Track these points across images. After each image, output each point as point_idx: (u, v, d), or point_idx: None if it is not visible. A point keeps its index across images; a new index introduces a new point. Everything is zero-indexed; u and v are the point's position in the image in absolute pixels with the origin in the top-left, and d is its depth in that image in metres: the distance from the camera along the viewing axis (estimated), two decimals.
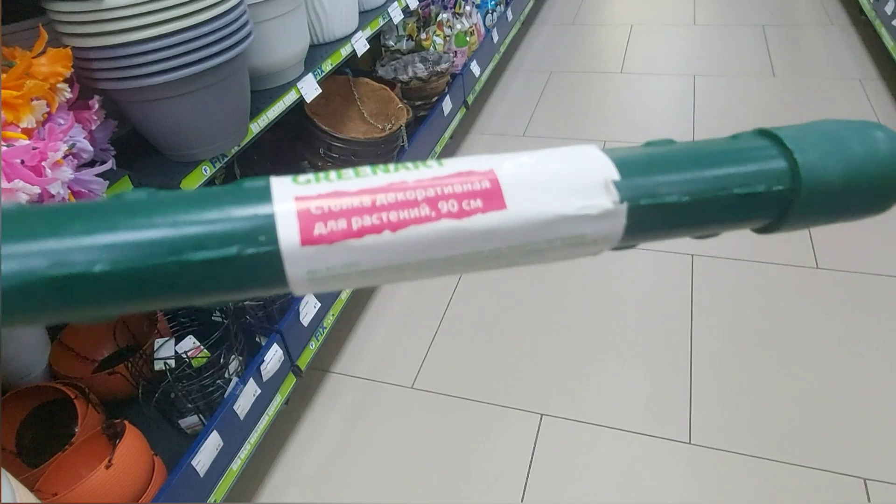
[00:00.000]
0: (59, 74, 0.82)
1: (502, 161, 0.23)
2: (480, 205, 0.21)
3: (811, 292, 1.70)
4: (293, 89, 1.38)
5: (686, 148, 0.25)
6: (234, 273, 0.20)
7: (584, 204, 0.22)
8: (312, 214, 0.20)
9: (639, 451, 1.37)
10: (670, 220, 0.24)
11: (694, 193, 0.23)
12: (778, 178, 0.24)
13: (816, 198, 0.24)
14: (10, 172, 0.72)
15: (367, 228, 0.21)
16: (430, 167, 0.22)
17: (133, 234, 0.19)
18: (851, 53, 2.86)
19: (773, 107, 2.54)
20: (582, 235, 0.23)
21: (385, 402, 1.54)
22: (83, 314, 0.20)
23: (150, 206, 0.20)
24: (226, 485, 1.22)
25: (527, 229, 0.22)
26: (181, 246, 0.19)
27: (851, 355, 1.52)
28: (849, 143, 0.25)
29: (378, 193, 0.21)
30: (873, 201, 0.25)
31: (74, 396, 1.13)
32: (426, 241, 0.21)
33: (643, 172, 0.23)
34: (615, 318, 1.69)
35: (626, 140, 2.43)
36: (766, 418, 1.40)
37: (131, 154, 1.11)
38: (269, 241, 0.20)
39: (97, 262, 0.19)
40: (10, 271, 0.18)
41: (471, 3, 2.57)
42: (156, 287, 0.20)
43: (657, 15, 3.49)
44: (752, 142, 0.25)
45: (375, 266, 0.21)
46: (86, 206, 0.20)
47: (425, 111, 2.14)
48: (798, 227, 0.26)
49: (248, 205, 0.20)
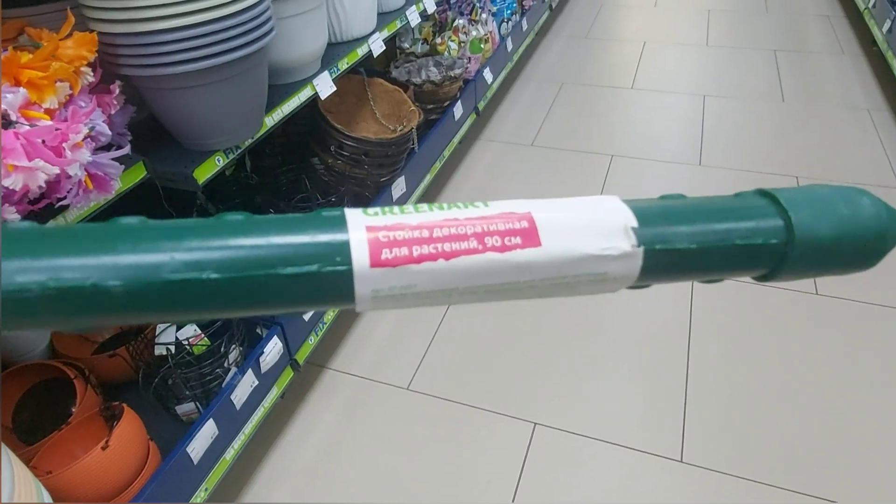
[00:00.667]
0: (84, 58, 0.84)
1: (538, 205, 0.27)
2: (519, 241, 0.25)
3: (810, 318, 1.71)
4: (309, 86, 1.39)
5: (696, 203, 0.29)
6: (310, 288, 0.24)
7: (606, 245, 0.26)
8: (381, 241, 0.24)
9: (630, 466, 1.38)
10: (680, 264, 0.27)
11: (701, 242, 0.27)
12: (774, 233, 0.28)
13: (808, 252, 0.28)
14: (31, 151, 0.72)
15: (425, 256, 0.24)
16: (478, 207, 0.26)
17: (235, 250, 0.23)
18: (861, 83, 2.88)
19: (781, 131, 2.56)
20: (604, 273, 0.26)
21: (380, 402, 1.55)
22: (190, 315, 0.23)
23: (248, 227, 0.24)
24: (218, 473, 1.23)
25: (557, 265, 0.25)
26: (274, 261, 0.23)
27: (847, 383, 1.53)
28: (838, 206, 0.28)
29: (434, 227, 0.25)
30: (859, 258, 0.29)
31: (74, 376, 1.14)
32: (473, 269, 0.25)
33: (658, 222, 0.27)
34: (613, 332, 1.70)
35: (633, 156, 2.45)
36: (759, 441, 1.41)
37: (147, 139, 1.12)
38: (343, 262, 0.24)
39: (208, 269, 0.22)
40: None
41: (487, 11, 2.59)
42: (247, 295, 0.23)
43: (671, 34, 3.51)
44: (753, 200, 0.29)
45: (429, 289, 0.25)
46: (198, 224, 0.24)
47: (436, 115, 2.15)
48: (793, 277, 0.29)
49: (327, 231, 0.24)
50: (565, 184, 2.33)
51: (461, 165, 2.45)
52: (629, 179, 2.33)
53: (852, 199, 0.28)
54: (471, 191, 2.31)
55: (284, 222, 0.24)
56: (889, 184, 2.21)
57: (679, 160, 2.41)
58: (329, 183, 1.71)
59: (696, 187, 2.27)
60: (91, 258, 0.21)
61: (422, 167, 2.03)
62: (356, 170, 1.68)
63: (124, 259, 0.21)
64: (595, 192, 2.26)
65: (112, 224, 0.23)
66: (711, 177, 2.31)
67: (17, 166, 0.71)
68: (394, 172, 1.81)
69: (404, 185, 1.90)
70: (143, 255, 0.22)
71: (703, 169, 2.36)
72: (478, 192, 2.30)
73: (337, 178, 1.69)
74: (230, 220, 0.24)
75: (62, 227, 0.22)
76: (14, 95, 0.74)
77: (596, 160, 2.44)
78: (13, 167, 0.70)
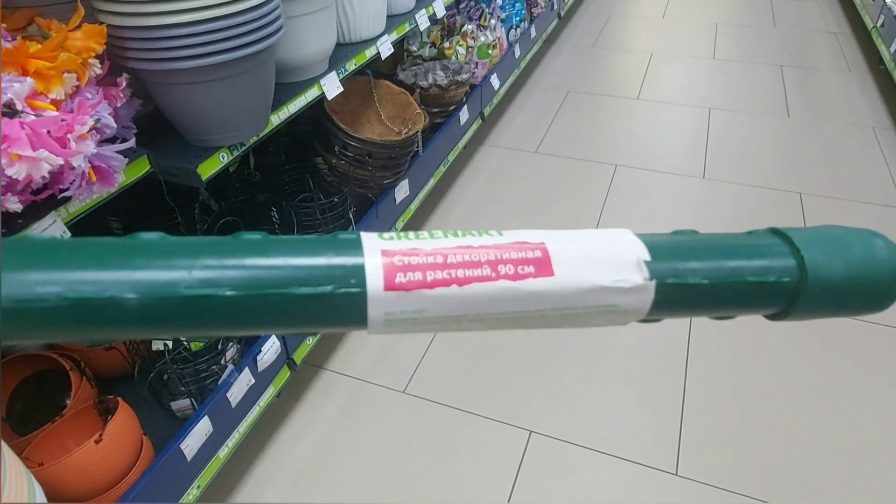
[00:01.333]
0: (92, 50, 0.83)
1: (552, 236, 0.27)
2: (532, 271, 0.25)
3: (809, 334, 1.70)
4: (316, 85, 1.39)
5: (708, 238, 0.29)
6: (324, 309, 0.24)
7: (619, 277, 0.26)
8: (395, 265, 0.24)
9: (625, 478, 1.37)
10: (692, 299, 0.27)
11: (713, 278, 0.27)
12: (787, 272, 0.28)
13: (820, 292, 0.28)
14: (35, 141, 0.72)
15: (439, 281, 0.24)
16: (492, 235, 0.27)
17: (253, 270, 0.23)
18: (867, 101, 2.88)
19: (785, 146, 2.56)
20: (615, 305, 0.26)
21: (376, 404, 1.55)
22: (205, 332, 0.23)
23: (265, 247, 0.24)
24: (211, 471, 1.22)
25: (569, 295, 0.25)
26: (288, 281, 0.23)
27: (845, 400, 1.52)
28: (851, 246, 0.28)
29: (448, 253, 0.25)
30: (872, 300, 0.28)
31: (70, 368, 1.13)
32: (485, 296, 0.25)
33: (671, 256, 0.27)
34: (612, 342, 1.69)
35: (637, 166, 2.45)
36: (755, 457, 1.40)
37: (151, 133, 1.11)
38: (358, 284, 0.24)
39: (225, 287, 0.23)
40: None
41: (496, 17, 2.59)
42: (261, 313, 0.23)
43: (678, 46, 3.52)
44: (766, 238, 0.29)
45: (441, 314, 0.25)
46: (215, 241, 0.24)
47: (442, 119, 2.15)
48: (805, 317, 0.29)
49: (343, 253, 0.24)
50: (568, 192, 2.33)
51: (465, 170, 2.45)
52: (632, 190, 2.33)
53: (866, 241, 0.28)
54: (474, 196, 2.30)
55: (300, 243, 0.25)
56: (892, 203, 2.21)
57: (683, 172, 2.41)
58: (332, 183, 1.71)
59: (700, 200, 2.27)
60: (108, 272, 0.21)
61: (426, 171, 2.03)
62: (360, 171, 1.68)
63: (141, 273, 0.22)
64: (597, 200, 2.26)
65: (132, 239, 0.23)
66: (715, 190, 2.31)
67: (21, 156, 0.70)
68: (397, 175, 1.81)
69: (408, 188, 1.90)
70: (160, 270, 0.22)
71: (707, 182, 2.35)
72: (481, 198, 2.30)
73: (340, 179, 1.69)
74: (247, 239, 0.24)
75: (82, 240, 0.22)
76: (21, 85, 0.73)
77: (600, 169, 2.44)
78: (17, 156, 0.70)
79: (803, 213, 2.17)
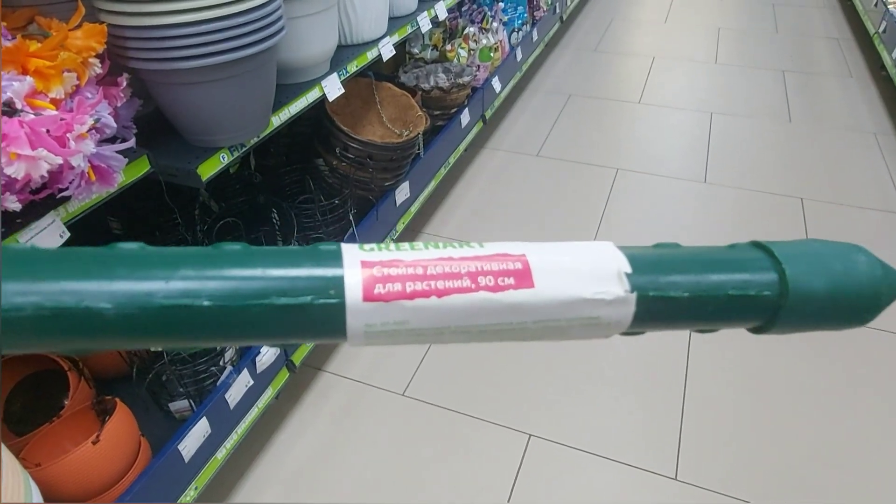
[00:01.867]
0: (93, 49, 0.83)
1: (533, 248, 0.27)
2: (513, 282, 0.25)
3: (808, 341, 1.70)
4: (317, 87, 1.39)
5: (690, 252, 0.29)
6: (303, 319, 0.24)
7: (599, 290, 0.26)
8: (374, 276, 0.24)
9: (624, 482, 1.36)
10: (673, 312, 0.27)
11: (694, 291, 0.27)
12: (768, 286, 0.28)
13: (801, 306, 0.28)
14: (34, 140, 0.72)
15: (418, 293, 0.24)
16: (473, 247, 0.26)
17: (231, 281, 0.23)
18: (868, 106, 2.88)
19: (787, 151, 2.56)
20: (597, 317, 0.26)
21: (374, 407, 1.54)
22: (184, 342, 0.23)
23: (245, 258, 0.24)
24: (208, 473, 1.22)
25: (550, 307, 0.25)
26: (268, 292, 0.23)
27: (844, 406, 1.51)
28: (833, 261, 0.28)
29: (429, 265, 0.25)
30: (853, 314, 0.28)
31: (68, 368, 1.13)
32: (465, 308, 0.25)
33: (652, 269, 0.27)
34: (612, 346, 1.69)
35: (639, 170, 2.45)
36: (754, 462, 1.39)
37: (151, 133, 1.11)
38: (337, 295, 0.24)
39: (203, 298, 0.22)
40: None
41: (498, 20, 2.59)
42: (240, 324, 0.23)
43: (680, 50, 3.52)
44: (748, 252, 0.29)
45: (421, 326, 0.25)
46: (196, 252, 0.24)
47: (443, 121, 2.15)
48: (787, 331, 0.29)
49: (323, 264, 0.24)
50: (569, 195, 2.32)
51: (466, 173, 2.44)
52: (633, 193, 2.32)
53: (847, 256, 0.28)
54: (475, 198, 2.30)
55: (280, 254, 0.25)
56: (893, 208, 2.21)
57: (684, 176, 2.41)
58: (333, 185, 1.71)
59: (701, 204, 2.26)
60: (86, 282, 0.21)
61: (427, 173, 2.03)
62: (360, 173, 1.68)
63: (119, 284, 0.22)
64: (599, 204, 2.26)
65: (111, 249, 0.23)
66: (716, 194, 2.31)
67: (20, 155, 0.70)
68: (398, 177, 1.81)
69: (408, 191, 1.89)
70: (138, 280, 0.22)
71: (708, 186, 2.35)
72: (482, 201, 2.29)
73: (341, 181, 1.69)
74: (228, 249, 0.24)
75: (61, 251, 0.22)
76: (20, 84, 0.73)
77: (601, 173, 2.44)
78: (16, 155, 0.70)
79: (804, 218, 2.17)
